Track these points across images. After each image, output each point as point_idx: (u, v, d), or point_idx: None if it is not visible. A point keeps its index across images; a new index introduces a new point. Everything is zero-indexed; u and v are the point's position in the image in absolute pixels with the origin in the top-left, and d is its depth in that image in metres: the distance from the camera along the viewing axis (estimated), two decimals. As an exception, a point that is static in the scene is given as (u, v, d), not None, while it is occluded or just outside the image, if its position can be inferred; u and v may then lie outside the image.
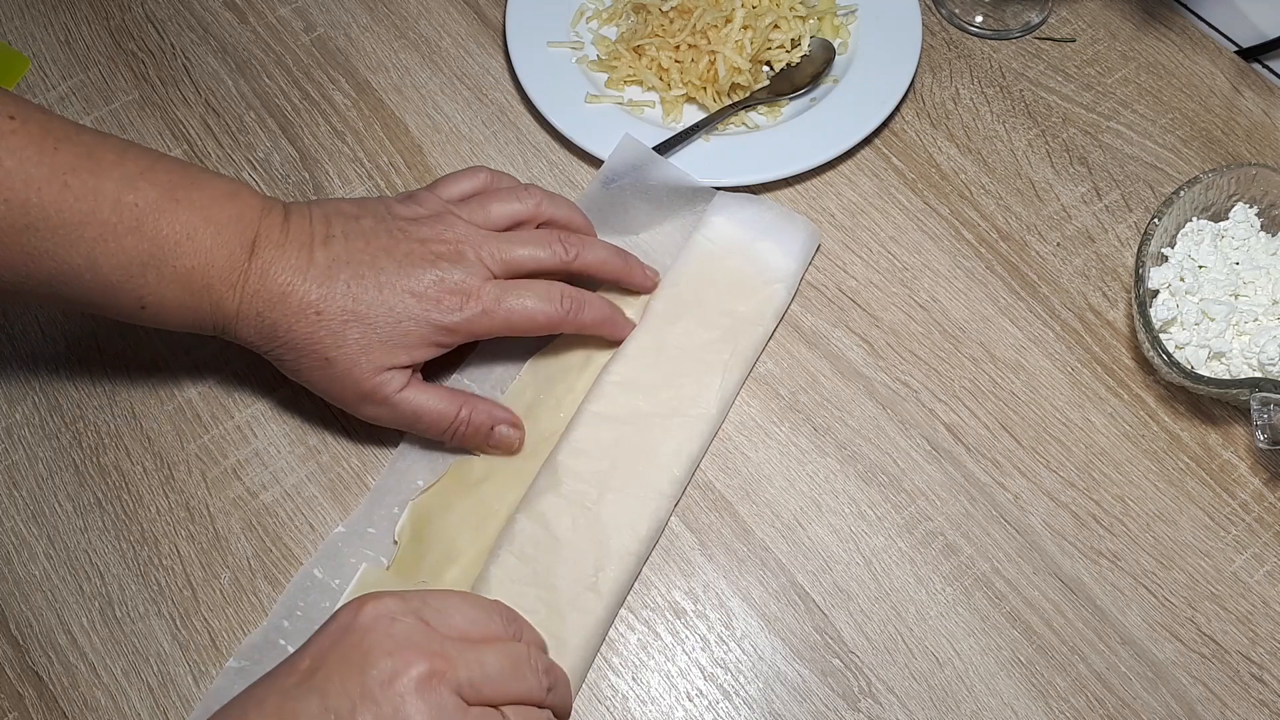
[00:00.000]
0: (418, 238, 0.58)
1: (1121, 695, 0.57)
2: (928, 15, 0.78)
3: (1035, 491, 0.62)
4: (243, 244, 0.55)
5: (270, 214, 0.57)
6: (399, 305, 0.56)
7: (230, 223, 0.55)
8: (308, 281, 0.56)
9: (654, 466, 0.60)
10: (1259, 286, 0.64)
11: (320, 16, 0.78)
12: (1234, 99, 0.75)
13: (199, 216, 0.55)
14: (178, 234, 0.54)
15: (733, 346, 0.63)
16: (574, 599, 0.56)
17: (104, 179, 0.53)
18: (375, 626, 0.45)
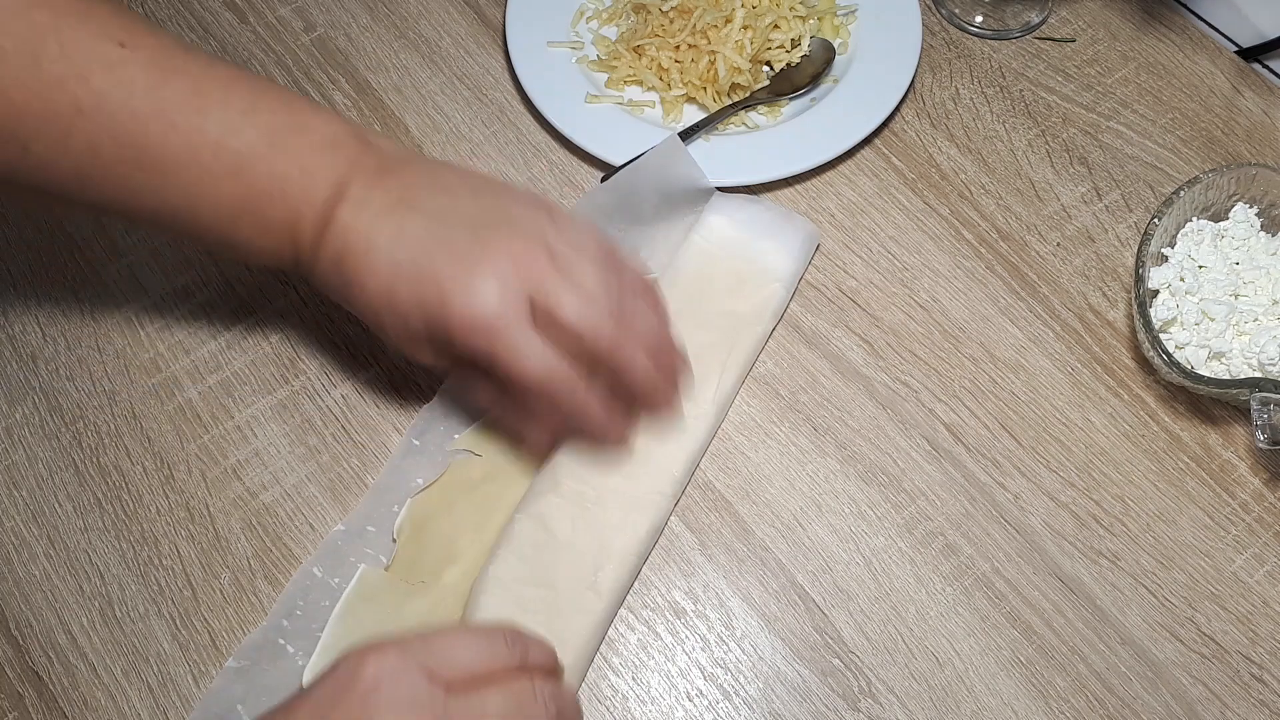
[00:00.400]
0: (489, 241, 0.53)
1: (1121, 695, 0.57)
2: (928, 15, 0.78)
3: (1035, 491, 0.62)
4: (327, 197, 0.54)
5: (361, 168, 0.54)
6: (428, 303, 0.53)
7: (322, 174, 0.54)
8: (369, 253, 0.53)
9: (653, 467, 0.60)
10: (1259, 286, 0.64)
11: (320, 16, 0.78)
12: (1234, 99, 0.75)
13: (295, 166, 0.53)
14: (271, 185, 0.53)
15: (731, 347, 0.63)
16: (574, 599, 0.56)
17: (209, 119, 0.52)
18: (378, 687, 0.44)
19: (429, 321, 0.53)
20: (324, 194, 0.53)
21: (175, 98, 0.52)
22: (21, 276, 0.67)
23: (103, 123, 0.51)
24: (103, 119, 0.51)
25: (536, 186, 0.71)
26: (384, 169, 0.55)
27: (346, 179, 0.54)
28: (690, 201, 0.69)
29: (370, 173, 0.54)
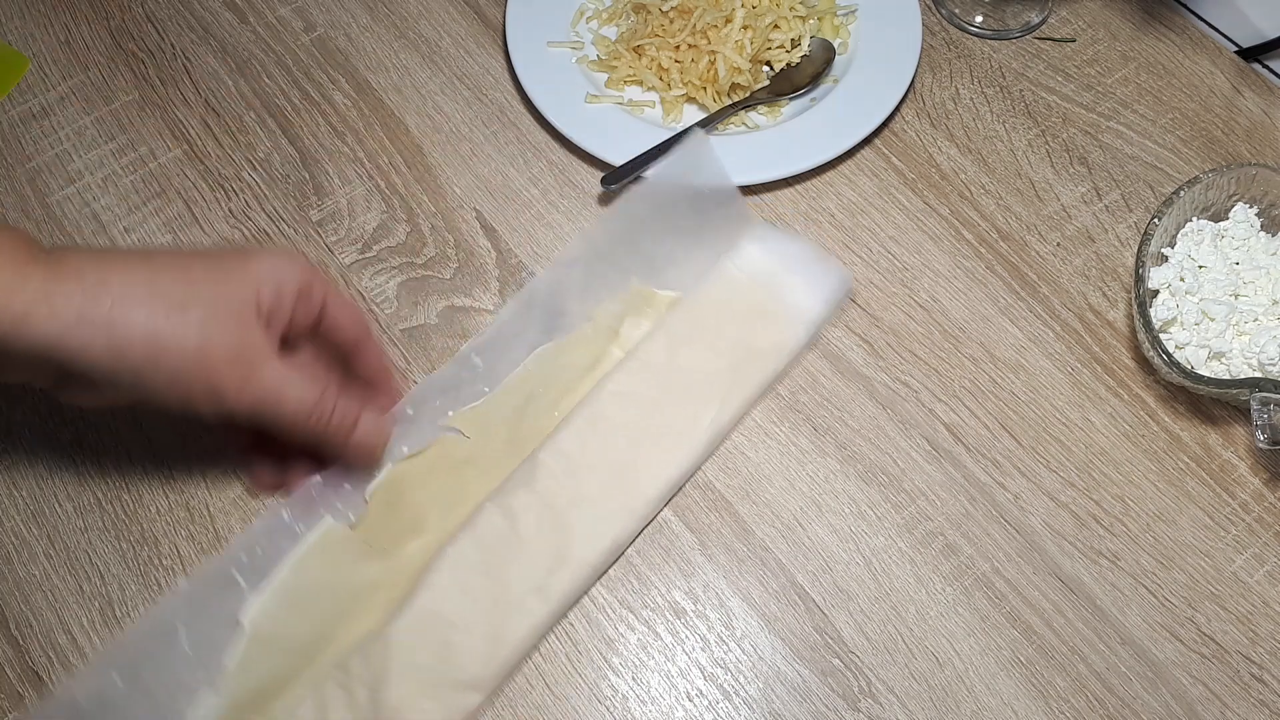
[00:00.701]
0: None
1: (1121, 695, 0.57)
2: (928, 15, 0.78)
3: (1035, 491, 0.62)
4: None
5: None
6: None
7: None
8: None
9: (631, 483, 0.59)
10: (1259, 286, 0.64)
11: (320, 16, 0.78)
12: (1234, 99, 0.75)
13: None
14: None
15: (738, 379, 0.63)
16: (520, 598, 0.56)
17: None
18: None
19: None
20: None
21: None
22: (21, 276, 0.67)
23: None
24: None
25: (536, 186, 0.71)
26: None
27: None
28: (718, 204, 0.66)
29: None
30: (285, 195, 0.71)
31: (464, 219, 0.70)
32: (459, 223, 0.70)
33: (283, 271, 0.53)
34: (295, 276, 0.53)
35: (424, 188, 0.71)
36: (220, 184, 0.71)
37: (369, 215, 0.70)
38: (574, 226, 0.70)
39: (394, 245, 0.69)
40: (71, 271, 0.48)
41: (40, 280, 0.47)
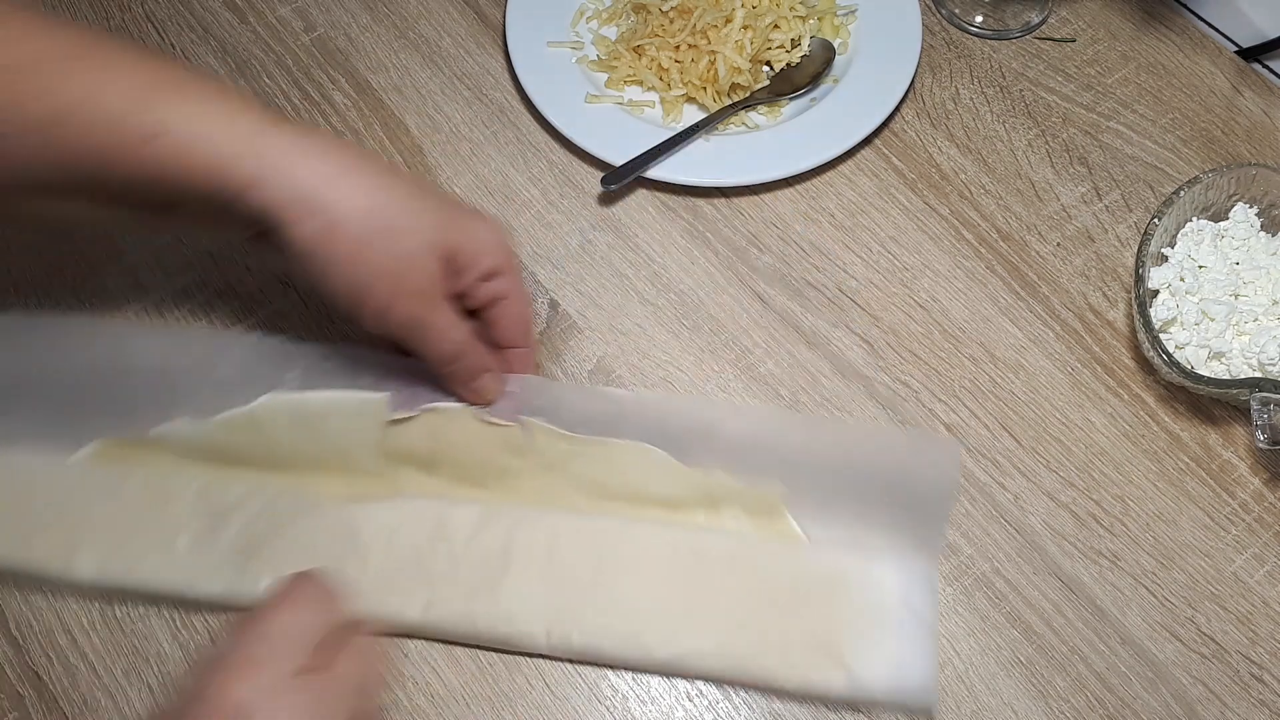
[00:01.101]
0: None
1: (1121, 695, 0.57)
2: (928, 15, 0.78)
3: (1035, 491, 0.62)
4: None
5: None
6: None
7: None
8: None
9: (573, 604, 0.56)
10: (1259, 286, 0.64)
11: (320, 16, 0.78)
12: (1234, 99, 0.75)
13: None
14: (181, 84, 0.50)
15: (731, 652, 0.56)
16: (393, 596, 0.56)
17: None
18: (253, 712, 0.43)
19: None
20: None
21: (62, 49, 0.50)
22: (21, 276, 0.67)
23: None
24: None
25: (536, 186, 0.71)
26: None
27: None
28: (912, 506, 0.58)
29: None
30: (285, 195, 0.71)
31: (464, 219, 0.70)
32: (459, 223, 0.70)
33: (485, 244, 0.55)
34: (493, 256, 0.56)
35: (424, 188, 0.71)
36: (220, 184, 0.71)
37: (369, 215, 0.70)
38: (574, 226, 0.70)
39: (394, 245, 0.69)
40: (317, 148, 0.51)
41: (284, 145, 0.50)
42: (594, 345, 0.66)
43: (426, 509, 0.58)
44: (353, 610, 0.50)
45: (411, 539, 0.57)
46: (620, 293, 0.68)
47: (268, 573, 0.56)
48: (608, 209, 0.71)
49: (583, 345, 0.66)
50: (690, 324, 0.67)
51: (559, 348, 0.66)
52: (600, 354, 0.66)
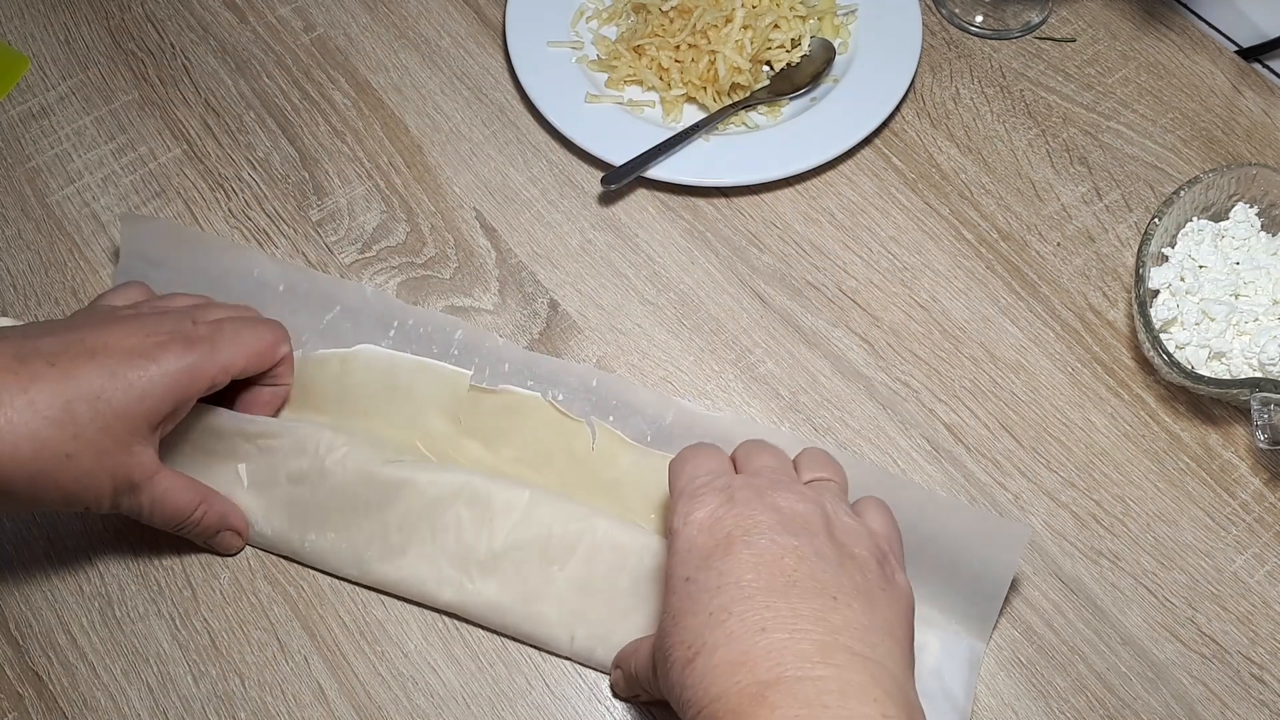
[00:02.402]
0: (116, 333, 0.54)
1: (1122, 695, 0.57)
2: (928, 15, 0.78)
3: (1035, 491, 0.62)
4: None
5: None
6: (120, 368, 0.52)
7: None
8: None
9: (603, 617, 0.56)
10: (1259, 286, 0.64)
11: (320, 16, 0.78)
12: (1234, 99, 0.75)
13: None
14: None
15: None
16: (438, 574, 0.57)
17: None
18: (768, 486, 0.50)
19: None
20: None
21: None
22: (21, 276, 0.67)
23: None
24: None
25: (536, 186, 0.71)
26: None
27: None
28: (968, 585, 0.56)
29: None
30: (285, 195, 0.71)
31: (464, 219, 0.70)
32: (459, 222, 0.70)
33: (228, 367, 0.56)
34: (251, 362, 0.57)
35: (424, 188, 0.71)
36: (220, 184, 0.71)
37: (369, 215, 0.70)
38: (574, 226, 0.70)
39: (394, 245, 0.69)
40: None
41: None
42: (594, 345, 0.66)
43: (480, 487, 0.57)
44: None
45: (455, 513, 0.57)
46: (620, 293, 0.68)
47: (313, 528, 0.58)
48: (608, 209, 0.71)
49: (583, 345, 0.66)
50: (690, 324, 0.67)
51: (559, 348, 0.66)
52: (600, 354, 0.66)
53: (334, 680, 0.57)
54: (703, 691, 0.43)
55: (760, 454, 0.53)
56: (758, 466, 0.52)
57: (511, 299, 0.67)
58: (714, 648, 0.44)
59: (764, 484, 0.50)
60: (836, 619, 0.44)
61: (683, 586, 0.46)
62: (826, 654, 0.43)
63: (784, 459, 0.53)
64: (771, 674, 0.42)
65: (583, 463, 0.60)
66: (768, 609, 0.44)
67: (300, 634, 0.58)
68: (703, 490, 0.49)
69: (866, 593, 0.46)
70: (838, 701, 0.42)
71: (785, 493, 0.49)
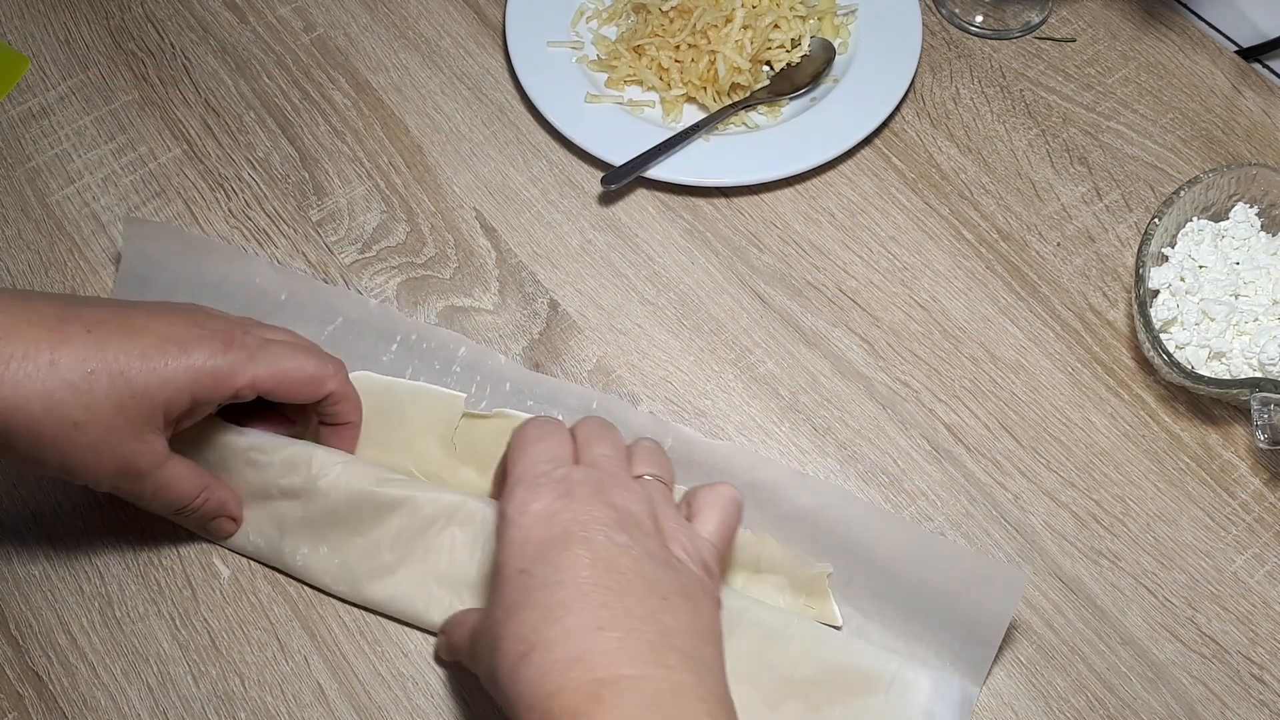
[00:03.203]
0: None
1: (1122, 695, 0.57)
2: (928, 15, 0.78)
3: (1035, 491, 0.62)
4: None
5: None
6: (152, 350, 0.51)
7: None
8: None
9: None
10: (1259, 286, 0.64)
11: (320, 16, 0.78)
12: (1234, 99, 0.75)
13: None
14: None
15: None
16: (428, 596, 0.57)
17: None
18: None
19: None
20: None
21: None
22: (21, 276, 0.67)
23: None
24: None
25: (536, 186, 0.71)
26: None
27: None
28: (961, 627, 0.56)
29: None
30: (285, 195, 0.71)
31: (464, 219, 0.70)
32: (459, 223, 0.70)
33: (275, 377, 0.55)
34: (282, 387, 0.56)
35: (424, 188, 0.71)
36: (220, 184, 0.71)
37: (369, 215, 0.70)
38: (574, 226, 0.70)
39: (394, 245, 0.69)
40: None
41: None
42: (594, 345, 0.66)
43: (474, 509, 0.57)
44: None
45: (449, 535, 0.57)
46: (620, 293, 0.68)
47: (304, 543, 0.58)
48: (608, 209, 0.71)
49: (582, 345, 0.66)
50: (690, 324, 0.67)
51: (558, 348, 0.66)
52: (600, 354, 0.66)
53: (334, 680, 0.57)
54: (537, 687, 0.43)
55: (599, 441, 0.52)
56: (596, 456, 0.51)
57: (511, 299, 0.67)
58: (550, 644, 0.44)
59: (603, 478, 0.50)
60: (668, 619, 0.45)
61: (517, 578, 0.46)
62: (659, 654, 0.44)
63: (621, 448, 0.53)
64: (608, 672, 0.43)
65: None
66: (604, 607, 0.44)
67: (300, 634, 0.58)
68: (542, 480, 0.49)
69: (690, 595, 0.47)
70: (670, 701, 0.43)
71: (621, 490, 0.49)
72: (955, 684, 0.54)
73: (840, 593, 0.57)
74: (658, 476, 0.53)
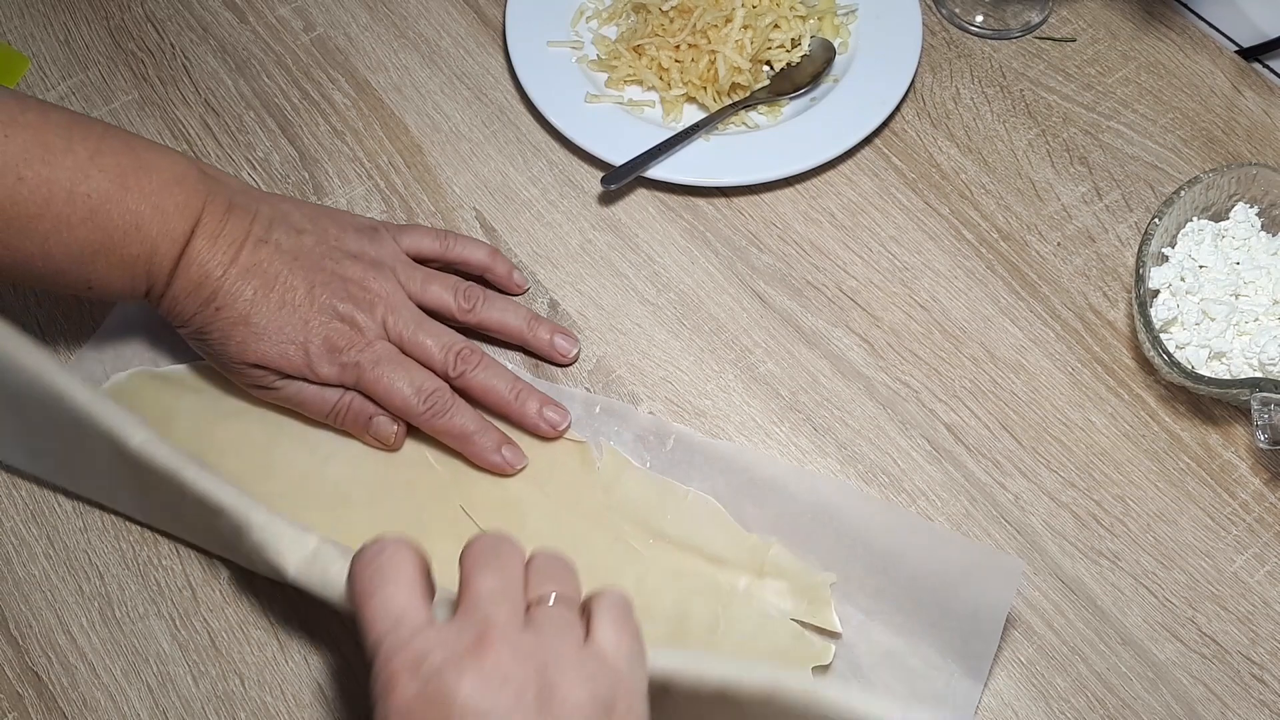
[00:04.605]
0: (344, 275, 0.60)
1: (1122, 695, 0.57)
2: (928, 15, 0.78)
3: (1036, 492, 0.62)
4: (183, 231, 0.57)
5: (214, 203, 0.58)
6: (288, 328, 0.58)
7: (176, 210, 0.56)
8: (224, 278, 0.57)
9: None
10: (1259, 286, 0.64)
11: (320, 16, 0.78)
12: (1234, 99, 0.75)
13: (148, 204, 0.56)
14: (127, 223, 0.56)
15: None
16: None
17: (57, 168, 0.54)
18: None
19: (290, 342, 0.58)
20: (179, 228, 0.57)
21: (20, 150, 0.54)
22: (21, 276, 0.67)
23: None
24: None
25: (536, 186, 0.71)
26: (232, 204, 0.59)
27: (198, 214, 0.57)
28: (961, 622, 0.55)
29: (220, 209, 0.58)
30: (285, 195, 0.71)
31: (464, 219, 0.70)
32: (459, 223, 0.70)
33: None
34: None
35: (424, 187, 0.71)
36: (220, 184, 0.71)
37: (369, 215, 0.70)
38: (574, 226, 0.70)
39: (394, 245, 0.69)
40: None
41: (164, 287, 0.58)
42: (594, 345, 0.66)
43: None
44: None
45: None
46: (620, 293, 0.68)
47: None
48: (608, 209, 0.71)
49: (583, 345, 0.66)
50: (690, 324, 0.67)
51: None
52: (600, 354, 0.66)
53: (334, 680, 0.57)
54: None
55: (483, 574, 0.43)
56: (477, 595, 0.42)
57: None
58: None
59: (471, 642, 0.40)
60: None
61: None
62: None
63: (513, 571, 0.43)
64: None
65: (585, 481, 0.60)
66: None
67: (300, 634, 0.58)
68: (400, 660, 0.40)
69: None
70: None
71: (501, 652, 0.40)
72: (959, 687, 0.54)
73: (840, 592, 0.57)
74: (561, 596, 0.43)
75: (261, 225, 0.59)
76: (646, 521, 0.59)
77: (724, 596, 0.57)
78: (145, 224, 0.56)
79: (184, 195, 0.57)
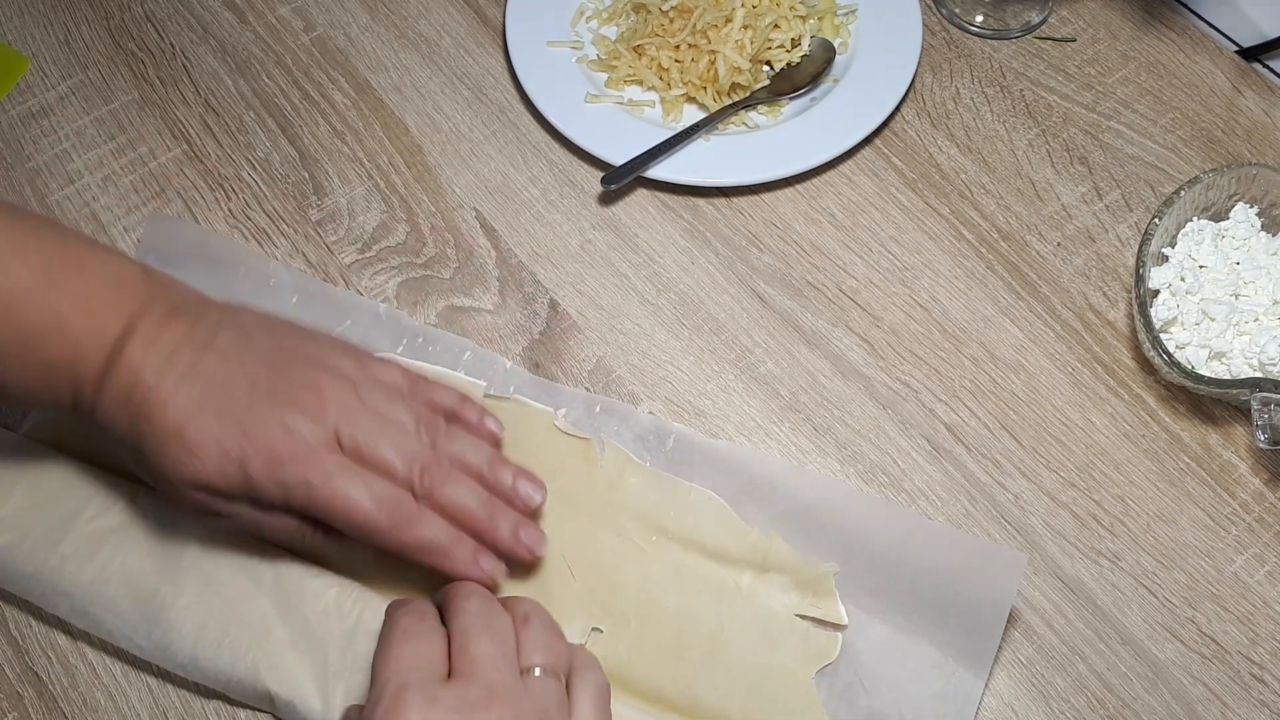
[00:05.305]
0: (293, 379, 0.52)
1: (1122, 695, 0.57)
2: (928, 15, 0.78)
3: (1036, 492, 0.62)
4: (114, 334, 0.50)
5: (155, 306, 0.52)
6: (225, 439, 0.50)
7: (107, 311, 0.51)
8: (157, 386, 0.50)
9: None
10: (1259, 286, 0.64)
11: (320, 16, 0.78)
12: (1234, 99, 0.75)
13: (74, 303, 0.50)
14: (46, 321, 0.50)
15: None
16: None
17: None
18: None
19: (226, 457, 0.49)
20: (110, 331, 0.50)
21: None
22: (21, 276, 0.67)
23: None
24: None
25: (536, 186, 0.71)
26: (176, 309, 0.52)
27: (135, 317, 0.51)
28: (965, 614, 0.56)
29: (161, 312, 0.52)
30: (285, 195, 0.71)
31: (464, 219, 0.70)
32: (459, 222, 0.70)
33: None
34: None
35: (424, 187, 0.71)
36: (220, 184, 0.71)
37: (369, 215, 0.70)
38: (574, 226, 0.70)
39: (394, 245, 0.69)
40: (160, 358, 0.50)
41: (91, 396, 0.51)
42: (594, 345, 0.66)
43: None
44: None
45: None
46: (620, 293, 0.68)
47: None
48: (608, 209, 0.71)
49: (583, 345, 0.66)
50: (690, 324, 0.67)
51: (559, 348, 0.66)
52: (600, 354, 0.66)
53: (334, 680, 0.57)
54: None
55: (479, 637, 0.46)
56: (476, 656, 0.46)
57: (511, 299, 0.67)
58: None
59: (478, 696, 0.44)
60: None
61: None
62: None
63: (508, 640, 0.47)
64: None
65: (588, 478, 0.60)
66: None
67: (300, 634, 0.58)
68: (405, 695, 0.44)
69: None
70: None
71: (500, 707, 0.44)
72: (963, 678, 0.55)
73: (841, 590, 0.57)
74: (549, 668, 0.47)
75: (206, 328, 0.52)
76: (649, 518, 0.59)
77: (728, 595, 0.57)
78: (69, 323, 0.50)
79: (120, 297, 0.51)
